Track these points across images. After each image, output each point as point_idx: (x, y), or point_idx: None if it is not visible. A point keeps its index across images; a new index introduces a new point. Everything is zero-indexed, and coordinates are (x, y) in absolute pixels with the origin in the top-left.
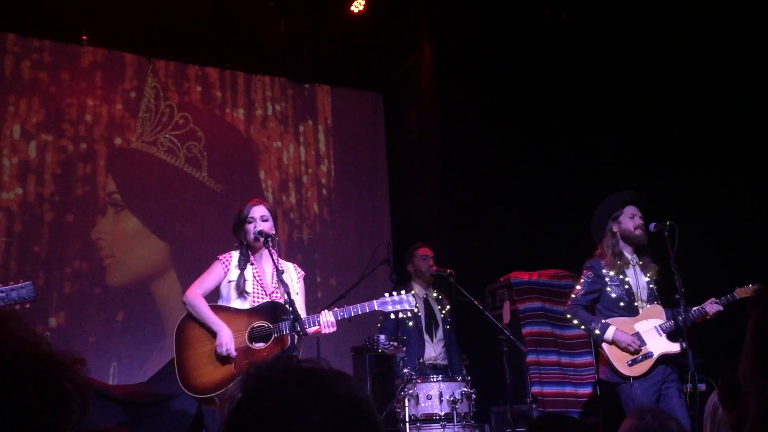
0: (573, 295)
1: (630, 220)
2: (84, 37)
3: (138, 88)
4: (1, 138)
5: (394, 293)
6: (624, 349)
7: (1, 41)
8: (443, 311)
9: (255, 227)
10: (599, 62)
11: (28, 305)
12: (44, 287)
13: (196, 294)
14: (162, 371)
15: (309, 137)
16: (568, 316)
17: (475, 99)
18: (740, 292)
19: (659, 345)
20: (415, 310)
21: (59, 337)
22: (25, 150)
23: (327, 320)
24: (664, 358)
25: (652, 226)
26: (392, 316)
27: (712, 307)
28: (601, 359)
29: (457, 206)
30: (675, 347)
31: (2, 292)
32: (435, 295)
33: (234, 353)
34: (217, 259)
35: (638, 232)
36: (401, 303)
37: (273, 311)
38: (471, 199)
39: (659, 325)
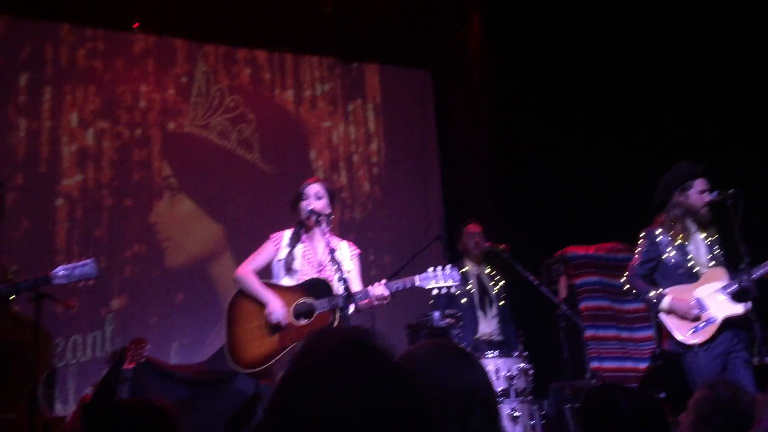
0: (631, 265)
1: (699, 195)
2: (135, 25)
3: (189, 73)
4: (61, 126)
5: (439, 267)
6: (682, 317)
7: (56, 31)
8: (496, 287)
9: (308, 205)
10: (656, 38)
11: (91, 282)
12: (106, 271)
13: (246, 270)
14: (221, 350)
15: (358, 116)
16: (627, 287)
17: (525, 73)
18: None
19: (723, 308)
20: (465, 287)
21: (122, 319)
22: (83, 137)
23: (377, 293)
24: (730, 324)
25: (714, 194)
26: (434, 292)
27: None
28: (664, 331)
29: (509, 181)
30: (739, 308)
31: (67, 269)
32: (487, 271)
33: (285, 321)
34: (269, 237)
35: (704, 210)
36: (445, 278)
37: (317, 288)
38: (524, 173)
39: (721, 288)
